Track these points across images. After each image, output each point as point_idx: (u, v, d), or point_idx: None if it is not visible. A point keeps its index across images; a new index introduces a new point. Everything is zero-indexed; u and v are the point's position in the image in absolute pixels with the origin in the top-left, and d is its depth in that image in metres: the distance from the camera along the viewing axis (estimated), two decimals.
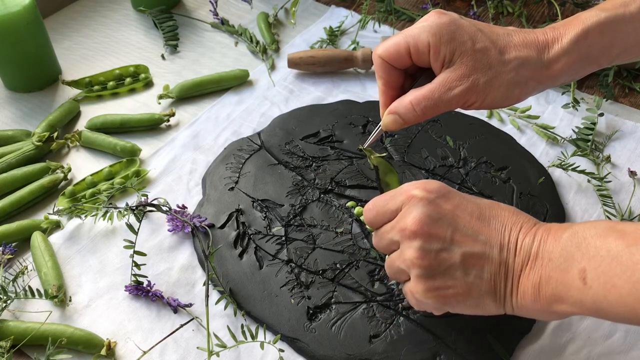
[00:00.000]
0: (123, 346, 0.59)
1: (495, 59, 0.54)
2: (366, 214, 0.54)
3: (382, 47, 0.56)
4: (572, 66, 0.55)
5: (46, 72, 0.87)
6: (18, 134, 0.79)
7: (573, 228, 0.46)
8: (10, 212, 0.70)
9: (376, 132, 0.60)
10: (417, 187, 0.50)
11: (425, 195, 0.49)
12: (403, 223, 0.49)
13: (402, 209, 0.50)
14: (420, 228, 0.48)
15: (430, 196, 0.49)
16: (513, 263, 0.47)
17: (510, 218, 0.49)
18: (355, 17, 0.97)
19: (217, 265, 0.64)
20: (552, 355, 0.57)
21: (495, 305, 0.49)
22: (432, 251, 0.48)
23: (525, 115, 0.79)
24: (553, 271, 0.45)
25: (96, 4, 1.03)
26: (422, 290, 0.49)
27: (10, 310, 0.61)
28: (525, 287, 0.47)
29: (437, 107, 0.54)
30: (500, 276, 0.48)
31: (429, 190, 0.50)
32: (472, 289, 0.48)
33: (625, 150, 0.76)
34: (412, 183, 0.52)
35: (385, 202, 0.52)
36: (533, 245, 0.47)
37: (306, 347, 0.58)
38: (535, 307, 0.47)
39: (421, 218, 0.48)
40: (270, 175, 0.73)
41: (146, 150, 0.78)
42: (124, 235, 0.66)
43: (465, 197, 0.51)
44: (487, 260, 0.48)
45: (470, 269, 0.48)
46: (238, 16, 1.00)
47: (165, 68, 0.91)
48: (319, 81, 0.87)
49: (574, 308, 0.45)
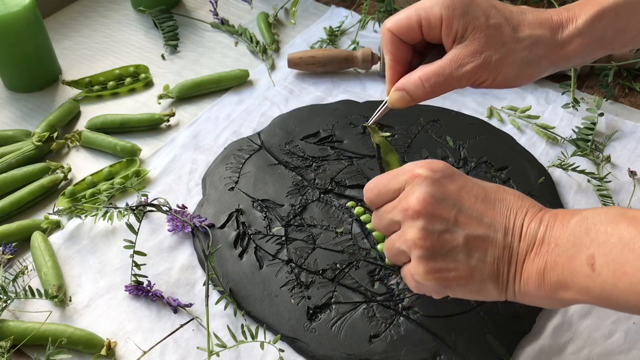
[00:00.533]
0: (123, 346, 0.59)
1: (509, 36, 0.52)
2: (367, 193, 0.53)
3: (392, 20, 0.54)
4: (586, 47, 0.54)
5: (46, 72, 0.87)
6: (18, 134, 0.79)
7: (582, 213, 0.45)
8: (10, 212, 0.70)
9: (382, 109, 0.58)
10: (421, 166, 0.49)
11: (429, 174, 0.48)
12: (405, 202, 0.48)
13: (405, 188, 0.49)
14: (424, 208, 0.47)
15: (435, 175, 0.48)
16: (517, 248, 0.46)
17: (516, 202, 0.48)
18: (355, 17, 0.97)
19: (217, 265, 0.64)
20: (552, 355, 0.57)
21: (497, 291, 0.47)
22: (435, 232, 0.47)
23: (525, 115, 0.79)
24: (559, 257, 0.44)
25: (96, 4, 1.03)
26: (423, 271, 0.48)
27: (10, 310, 0.61)
28: (529, 273, 0.46)
29: (447, 83, 0.53)
30: (503, 260, 0.46)
31: (434, 170, 0.48)
32: (475, 272, 0.47)
33: (625, 150, 0.76)
34: (415, 162, 0.50)
35: (387, 180, 0.50)
36: (539, 231, 0.46)
37: (306, 347, 0.58)
38: (539, 294, 0.46)
39: (425, 197, 0.47)
40: (270, 175, 0.73)
41: (146, 150, 0.78)
42: (124, 235, 0.66)
43: (470, 179, 0.49)
44: (490, 244, 0.46)
45: (474, 251, 0.46)
46: (238, 16, 1.00)
47: (165, 68, 0.91)
48: (319, 81, 0.87)
49: (580, 295, 0.43)
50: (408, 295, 0.61)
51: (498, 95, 0.84)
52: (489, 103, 0.82)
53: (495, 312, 0.59)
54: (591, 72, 0.86)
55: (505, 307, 0.60)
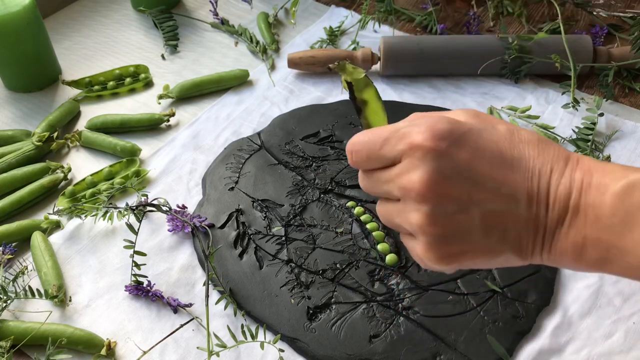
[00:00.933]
0: (123, 346, 0.59)
1: None
2: (351, 154, 0.44)
3: None
4: None
5: (46, 72, 0.87)
6: (18, 134, 0.79)
7: (628, 178, 0.37)
8: (10, 212, 0.70)
9: None
10: (421, 132, 0.39)
11: (433, 145, 0.39)
12: (406, 180, 0.40)
13: (402, 160, 0.40)
14: (430, 189, 0.39)
15: (441, 146, 0.39)
16: (545, 218, 0.39)
17: (538, 158, 0.40)
18: (355, 17, 0.97)
19: (217, 265, 0.64)
20: (552, 355, 0.57)
21: (519, 261, 0.42)
22: (446, 215, 0.39)
23: (525, 115, 0.79)
24: (603, 233, 0.37)
25: (96, 4, 1.03)
26: (435, 258, 0.41)
27: (10, 310, 0.61)
28: (563, 247, 0.39)
29: None
30: (528, 232, 0.40)
31: (439, 137, 0.39)
32: (494, 250, 0.40)
33: (625, 150, 0.76)
34: (412, 122, 0.41)
35: (378, 145, 0.42)
36: (571, 196, 0.38)
37: (306, 347, 0.58)
38: (575, 266, 0.40)
39: (430, 177, 0.39)
40: (270, 175, 0.73)
41: (146, 150, 0.78)
42: (124, 235, 0.66)
43: (481, 135, 0.40)
44: (511, 217, 0.39)
45: (492, 229, 0.40)
46: (238, 16, 1.00)
47: (165, 68, 0.91)
48: (319, 81, 0.87)
49: (628, 271, 0.38)
50: (408, 295, 0.61)
51: (498, 95, 0.84)
52: (489, 103, 0.82)
53: (495, 312, 0.59)
54: (591, 72, 0.86)
55: (505, 307, 0.60)
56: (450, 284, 0.62)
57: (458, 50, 0.85)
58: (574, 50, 0.80)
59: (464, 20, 0.96)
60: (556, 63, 0.80)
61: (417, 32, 0.95)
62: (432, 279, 0.62)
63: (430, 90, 0.85)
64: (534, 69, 0.84)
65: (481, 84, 0.85)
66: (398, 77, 0.87)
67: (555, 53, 0.80)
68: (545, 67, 0.82)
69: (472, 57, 0.84)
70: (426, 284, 0.62)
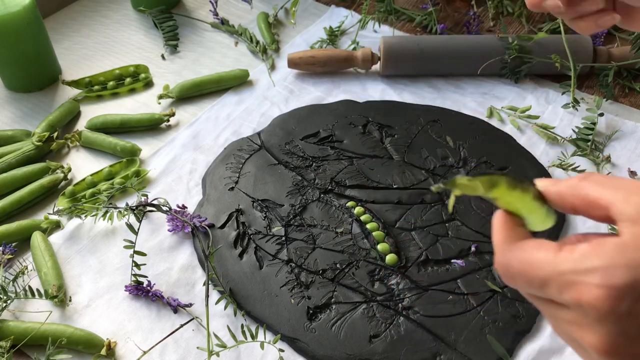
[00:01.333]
0: (123, 346, 0.59)
1: None
2: (504, 270, 0.35)
3: None
4: None
5: (46, 72, 0.87)
6: (18, 134, 0.79)
7: None
8: (10, 212, 0.70)
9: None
10: (594, 287, 0.31)
11: (611, 307, 0.31)
12: (581, 336, 0.33)
13: (570, 307, 0.32)
14: (614, 352, 0.32)
15: (621, 307, 0.31)
16: None
17: None
18: (355, 17, 0.97)
19: (217, 265, 0.64)
20: (552, 355, 0.57)
21: None
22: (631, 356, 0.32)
23: (525, 115, 0.79)
24: None
25: (96, 4, 1.03)
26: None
27: (10, 310, 0.61)
28: None
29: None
30: None
31: (617, 297, 0.30)
32: None
33: (625, 150, 0.76)
34: (582, 258, 0.32)
35: (536, 284, 0.33)
36: None
37: (306, 347, 0.58)
38: None
39: (613, 341, 0.32)
40: (270, 175, 0.73)
41: (146, 150, 0.78)
42: (124, 235, 0.66)
43: None
44: None
45: None
46: (238, 16, 1.00)
47: (165, 68, 0.91)
48: (319, 81, 0.87)
49: None
50: (408, 295, 0.61)
51: (498, 95, 0.84)
52: (489, 103, 0.82)
53: (495, 312, 0.59)
54: (591, 72, 0.86)
55: (505, 307, 0.60)
56: (451, 284, 0.62)
57: (458, 50, 0.85)
58: (574, 50, 0.80)
59: (464, 20, 0.96)
60: (556, 63, 0.80)
61: (417, 32, 0.95)
62: (432, 279, 0.62)
63: (430, 90, 0.85)
64: (534, 69, 0.84)
65: (481, 84, 0.85)
66: (398, 77, 0.87)
67: (555, 53, 0.80)
68: (545, 67, 0.82)
69: (472, 57, 0.84)
70: (426, 284, 0.62)
